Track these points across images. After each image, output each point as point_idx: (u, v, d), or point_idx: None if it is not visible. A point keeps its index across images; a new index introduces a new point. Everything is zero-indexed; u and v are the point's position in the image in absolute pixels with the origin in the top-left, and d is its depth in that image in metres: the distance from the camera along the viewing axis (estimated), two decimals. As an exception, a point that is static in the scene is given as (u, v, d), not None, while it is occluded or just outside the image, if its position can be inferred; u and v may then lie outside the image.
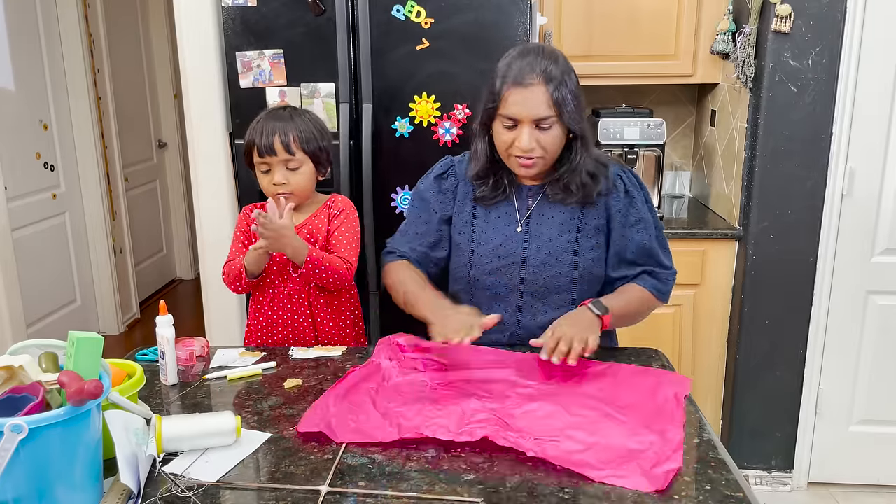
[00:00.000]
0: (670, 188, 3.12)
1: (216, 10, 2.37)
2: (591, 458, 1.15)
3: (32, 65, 3.56)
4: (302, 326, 1.81)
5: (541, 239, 1.61)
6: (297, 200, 1.77)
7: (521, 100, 1.49)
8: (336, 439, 1.22)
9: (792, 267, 2.51)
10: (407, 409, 1.31)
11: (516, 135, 1.52)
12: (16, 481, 0.94)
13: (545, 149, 1.53)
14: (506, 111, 1.51)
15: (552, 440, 1.20)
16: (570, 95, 1.51)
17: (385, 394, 1.38)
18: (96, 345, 1.06)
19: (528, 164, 1.55)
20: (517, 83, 1.49)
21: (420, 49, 2.24)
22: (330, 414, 1.28)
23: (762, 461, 2.69)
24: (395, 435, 1.22)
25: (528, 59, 1.51)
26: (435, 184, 1.70)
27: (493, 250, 1.62)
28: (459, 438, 1.20)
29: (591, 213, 1.62)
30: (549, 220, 1.62)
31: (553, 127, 1.51)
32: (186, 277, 5.24)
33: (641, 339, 2.59)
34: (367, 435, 1.23)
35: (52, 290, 3.74)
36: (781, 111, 2.40)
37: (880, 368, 2.57)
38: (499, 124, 1.54)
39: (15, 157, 3.39)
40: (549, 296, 1.61)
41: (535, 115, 1.49)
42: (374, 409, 1.31)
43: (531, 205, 1.63)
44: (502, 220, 1.64)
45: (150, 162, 4.78)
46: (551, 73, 1.49)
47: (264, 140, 1.72)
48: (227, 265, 1.79)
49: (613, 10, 2.66)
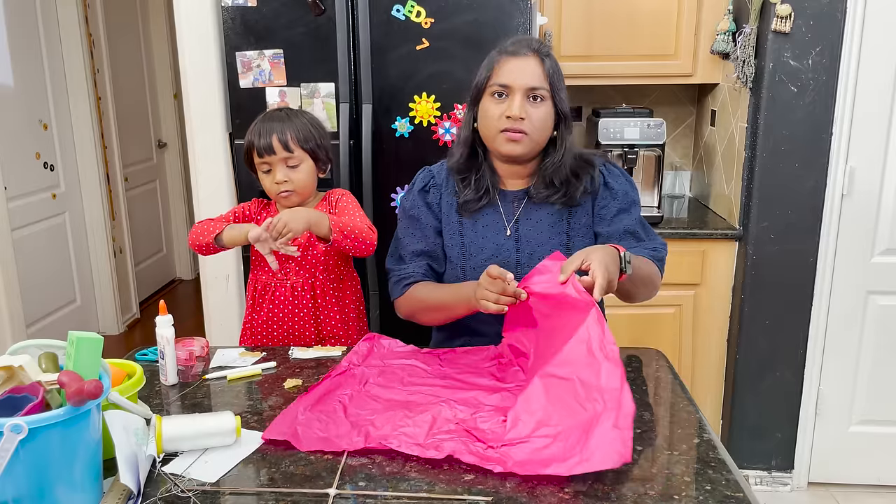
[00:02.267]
0: (670, 188, 3.12)
1: (216, 10, 2.37)
2: (557, 451, 1.13)
3: (32, 65, 3.56)
4: (304, 322, 1.81)
5: (532, 243, 1.59)
6: (299, 198, 1.79)
7: (515, 68, 1.51)
8: (300, 448, 1.20)
9: (792, 267, 2.51)
10: (377, 416, 1.28)
11: (507, 104, 1.51)
12: (16, 481, 0.94)
13: (534, 124, 1.51)
14: (498, 79, 1.51)
15: (520, 442, 1.17)
16: (558, 78, 1.53)
17: (358, 401, 1.35)
18: (96, 345, 1.06)
19: (515, 139, 1.51)
20: (512, 54, 1.52)
21: (420, 49, 2.24)
22: (297, 422, 1.26)
23: (762, 461, 2.69)
24: (361, 444, 1.19)
25: (521, 39, 1.56)
26: (420, 198, 1.66)
27: (485, 261, 1.59)
28: (426, 454, 1.17)
29: (578, 213, 1.61)
30: (539, 223, 1.60)
31: (544, 102, 1.52)
32: (186, 277, 5.24)
33: (642, 339, 2.60)
34: (331, 444, 1.20)
35: (52, 290, 3.74)
36: (781, 111, 2.40)
37: (880, 368, 2.57)
38: (488, 100, 1.53)
39: (15, 157, 3.39)
40: None
41: (528, 83, 1.50)
42: (345, 416, 1.29)
43: (517, 209, 1.61)
44: (490, 229, 1.61)
45: (149, 162, 4.78)
46: (544, 51, 1.54)
47: (262, 140, 1.73)
48: (201, 222, 1.77)
49: (613, 9, 2.66)
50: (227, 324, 2.59)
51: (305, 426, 1.25)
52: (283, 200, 1.79)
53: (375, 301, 2.34)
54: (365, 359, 1.53)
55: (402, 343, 1.61)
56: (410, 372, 1.48)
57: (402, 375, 1.47)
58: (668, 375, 1.53)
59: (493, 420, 1.26)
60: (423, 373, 1.48)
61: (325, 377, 1.43)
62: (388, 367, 1.50)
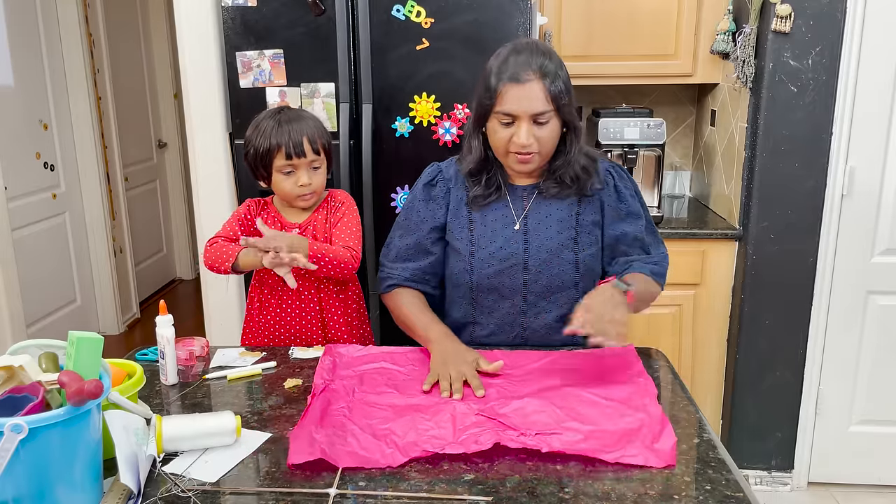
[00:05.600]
0: (670, 188, 3.12)
1: (216, 10, 2.37)
2: (594, 445, 1.18)
3: (32, 64, 3.56)
4: (310, 321, 1.81)
5: (541, 237, 1.61)
6: (316, 199, 1.80)
7: (519, 96, 1.49)
8: (339, 464, 1.15)
9: (792, 267, 2.51)
10: (394, 425, 1.26)
11: (514, 131, 1.51)
12: (16, 481, 0.94)
13: (543, 143, 1.53)
14: (503, 108, 1.51)
15: (553, 433, 1.21)
16: (563, 88, 1.52)
17: (359, 412, 1.32)
18: (96, 345, 1.06)
19: (526, 160, 1.54)
20: (514, 80, 1.49)
21: (420, 49, 2.24)
22: (317, 442, 1.20)
23: (762, 461, 2.69)
24: (400, 457, 1.17)
25: (523, 56, 1.50)
26: (424, 192, 1.69)
27: (494, 253, 1.61)
28: (471, 449, 1.17)
29: (587, 209, 1.62)
30: (548, 217, 1.61)
31: (550, 121, 1.52)
32: (186, 277, 5.24)
33: (641, 339, 2.59)
34: (367, 460, 1.17)
35: (52, 290, 3.74)
36: (781, 111, 2.40)
37: (880, 368, 2.57)
38: (495, 122, 1.54)
39: (15, 157, 3.39)
40: (552, 294, 1.61)
41: (533, 110, 1.49)
42: (360, 429, 1.26)
43: (527, 204, 1.63)
44: (499, 223, 1.63)
45: (150, 162, 4.78)
46: (547, 69, 1.50)
47: (293, 143, 1.69)
48: (215, 242, 1.76)
49: (613, 9, 2.66)
50: (228, 324, 2.59)
51: (329, 445, 1.20)
52: (303, 202, 1.77)
53: (375, 301, 2.34)
54: (333, 371, 1.49)
55: (359, 346, 1.62)
56: (389, 376, 1.48)
57: (382, 380, 1.46)
58: (668, 375, 1.53)
59: (508, 406, 1.31)
60: (401, 374, 1.49)
61: (312, 397, 1.36)
62: (365, 373, 1.49)
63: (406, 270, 1.68)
